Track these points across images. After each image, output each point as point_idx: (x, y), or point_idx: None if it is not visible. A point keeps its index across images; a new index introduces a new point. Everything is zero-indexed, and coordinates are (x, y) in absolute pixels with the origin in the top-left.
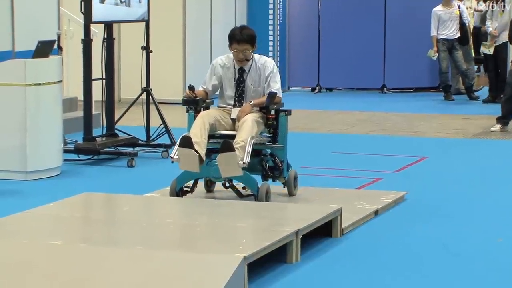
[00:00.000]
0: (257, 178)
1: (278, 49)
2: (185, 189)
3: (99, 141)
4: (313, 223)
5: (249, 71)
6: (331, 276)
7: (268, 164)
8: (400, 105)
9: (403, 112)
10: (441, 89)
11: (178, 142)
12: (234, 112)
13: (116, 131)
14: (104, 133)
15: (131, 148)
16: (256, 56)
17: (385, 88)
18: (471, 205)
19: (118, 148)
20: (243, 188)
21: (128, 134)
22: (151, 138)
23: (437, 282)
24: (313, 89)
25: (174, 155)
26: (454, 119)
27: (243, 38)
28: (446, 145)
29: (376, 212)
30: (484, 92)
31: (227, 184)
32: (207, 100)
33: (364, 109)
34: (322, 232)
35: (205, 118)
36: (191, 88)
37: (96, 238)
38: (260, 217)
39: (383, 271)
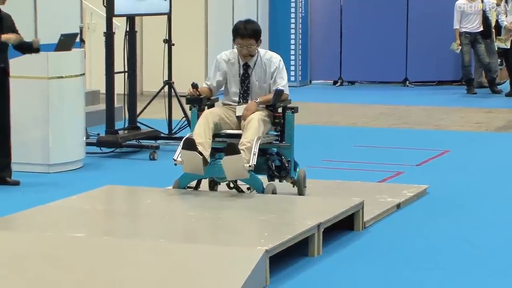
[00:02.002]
0: (262, 178)
1: (300, 42)
2: (188, 189)
3: (121, 134)
4: (335, 217)
5: (254, 66)
6: (352, 269)
7: (275, 163)
8: (422, 98)
9: (426, 105)
10: (463, 83)
11: (181, 144)
12: (239, 110)
13: (138, 124)
14: (126, 126)
15: (153, 141)
16: (261, 51)
17: (407, 82)
18: (494, 199)
19: (140, 141)
20: (248, 188)
21: (150, 127)
22: (173, 131)
23: (458, 276)
24: (335, 83)
25: (177, 157)
26: (476, 112)
27: (247, 33)
28: (469, 138)
29: (398, 206)
30: (507, 85)
31: (231, 185)
32: (212, 98)
33: (386, 103)
34: (344, 226)
35: (209, 117)
36: (195, 86)
37: (119, 231)
38: (281, 211)
39: (404, 265)
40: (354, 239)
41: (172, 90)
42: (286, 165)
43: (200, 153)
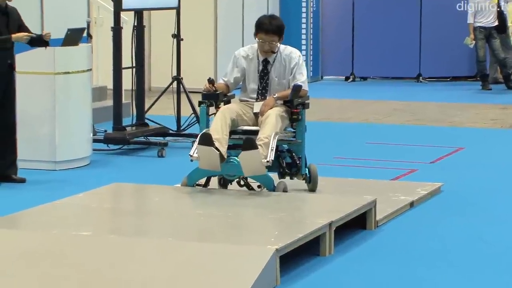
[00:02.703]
0: (273, 175)
1: (312, 37)
2: (196, 186)
3: (129, 131)
4: (347, 215)
5: (273, 62)
6: (365, 269)
7: (285, 160)
8: (436, 94)
9: (440, 101)
10: (478, 78)
11: (197, 140)
12: (257, 106)
13: (146, 121)
14: (134, 123)
15: (161, 138)
16: (281, 46)
17: (420, 77)
18: (508, 196)
19: (148, 137)
20: (258, 186)
21: (158, 124)
22: (181, 128)
23: (472, 274)
24: (347, 78)
25: (193, 153)
26: (491, 109)
27: (271, 29)
28: (483, 135)
29: (412, 204)
30: None
31: (242, 182)
32: (228, 94)
33: (399, 99)
34: (356, 224)
35: (226, 113)
36: (211, 81)
37: (126, 229)
38: (292, 209)
39: (417, 264)
40: (366, 238)
41: (181, 86)
42: (297, 162)
43: (217, 149)
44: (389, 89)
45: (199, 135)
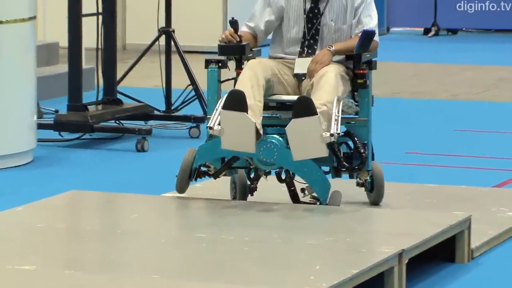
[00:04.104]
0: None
1: None
2: (203, 168)
3: (92, 111)
4: (424, 241)
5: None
6: None
7: (342, 149)
8: None
9: None
10: None
11: (222, 101)
12: (301, 64)
13: (118, 96)
14: (100, 99)
15: (142, 123)
16: None
17: None
18: None
19: (121, 122)
20: (302, 191)
21: (138, 101)
22: (173, 107)
23: None
24: (426, 31)
25: (214, 123)
26: None
27: None
28: None
29: None
30: None
31: (284, 176)
32: (254, 49)
33: (506, 63)
34: (440, 255)
35: (258, 70)
36: (234, 24)
37: (89, 262)
38: (341, 230)
39: None
40: (455, 276)
41: (172, 43)
42: (362, 150)
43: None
44: (491, 47)
45: (227, 94)
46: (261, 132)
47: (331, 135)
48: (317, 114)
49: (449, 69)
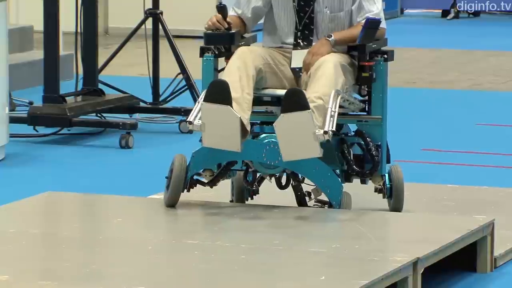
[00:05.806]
0: None
1: None
2: (195, 177)
3: (71, 103)
4: (442, 248)
5: None
6: None
7: (353, 151)
8: None
9: None
10: None
11: (204, 93)
12: (298, 57)
13: (100, 86)
14: (79, 90)
15: (126, 116)
16: None
17: None
18: None
19: (103, 115)
20: (309, 193)
21: (122, 91)
22: (160, 99)
23: None
24: (445, 14)
25: (194, 117)
26: None
27: None
28: None
29: None
30: None
31: (286, 179)
32: (247, 35)
33: None
34: (459, 263)
35: (247, 58)
36: (222, 8)
37: (67, 271)
38: (349, 236)
39: None
40: (476, 287)
41: (160, 26)
42: (374, 153)
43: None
44: None
45: (209, 85)
46: (248, 128)
47: (325, 132)
48: (309, 109)
49: (471, 55)
